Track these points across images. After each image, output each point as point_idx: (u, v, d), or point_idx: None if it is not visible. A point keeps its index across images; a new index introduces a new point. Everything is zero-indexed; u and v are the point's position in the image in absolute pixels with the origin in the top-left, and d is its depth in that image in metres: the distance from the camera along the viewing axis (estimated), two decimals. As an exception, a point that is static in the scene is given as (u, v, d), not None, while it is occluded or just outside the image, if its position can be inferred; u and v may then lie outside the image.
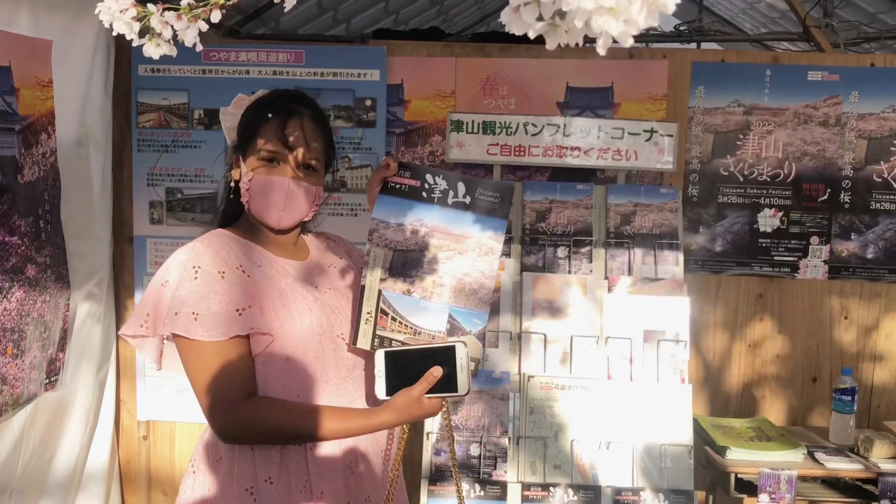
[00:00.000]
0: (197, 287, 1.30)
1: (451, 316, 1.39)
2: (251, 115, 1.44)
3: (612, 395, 2.18)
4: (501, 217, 1.41)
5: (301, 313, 1.37)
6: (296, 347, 1.35)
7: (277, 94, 1.48)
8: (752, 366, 2.74)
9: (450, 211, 1.41)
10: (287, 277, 1.42)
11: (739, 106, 2.66)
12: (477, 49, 2.71)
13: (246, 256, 1.39)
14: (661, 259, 2.31)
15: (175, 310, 1.29)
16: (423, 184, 1.41)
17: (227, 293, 1.31)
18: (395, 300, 1.40)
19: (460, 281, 1.40)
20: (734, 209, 2.70)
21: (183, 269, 1.32)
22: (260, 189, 1.40)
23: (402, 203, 1.41)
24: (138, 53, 2.72)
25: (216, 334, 1.29)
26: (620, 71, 2.66)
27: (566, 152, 2.39)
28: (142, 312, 1.35)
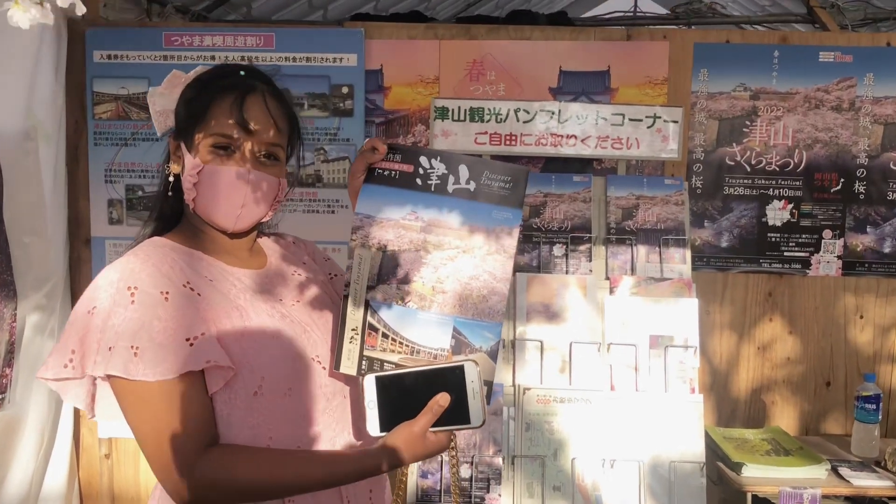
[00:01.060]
0: (134, 314, 1.05)
1: (455, 329, 1.14)
2: (195, 93, 1.19)
3: (616, 408, 1.98)
4: (514, 206, 1.15)
5: (266, 335, 1.14)
6: (263, 379, 1.11)
7: (226, 67, 1.23)
8: (761, 370, 2.55)
9: (450, 200, 1.16)
10: (245, 292, 1.18)
11: (746, 90, 2.47)
12: (462, 31, 2.50)
13: (193, 269, 1.15)
14: (667, 257, 2.11)
15: (108, 343, 1.04)
16: (417, 168, 1.17)
17: (173, 319, 1.06)
18: (386, 312, 1.15)
19: (466, 286, 1.15)
20: (741, 201, 2.50)
21: (115, 292, 1.07)
22: (211, 183, 1.15)
23: (391, 193, 1.17)
24: (94, 38, 2.44)
25: (163, 371, 1.04)
26: (617, 53, 2.46)
27: (562, 141, 2.19)
28: (65, 349, 1.08)
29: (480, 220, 1.16)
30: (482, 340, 1.13)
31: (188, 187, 1.17)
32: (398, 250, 1.16)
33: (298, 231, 2.64)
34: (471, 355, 1.12)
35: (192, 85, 1.21)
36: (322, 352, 1.20)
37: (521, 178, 1.17)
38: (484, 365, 1.11)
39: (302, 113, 2.50)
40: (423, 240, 1.16)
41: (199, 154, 1.16)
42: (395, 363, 1.15)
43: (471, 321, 1.14)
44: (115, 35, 2.47)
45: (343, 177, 2.51)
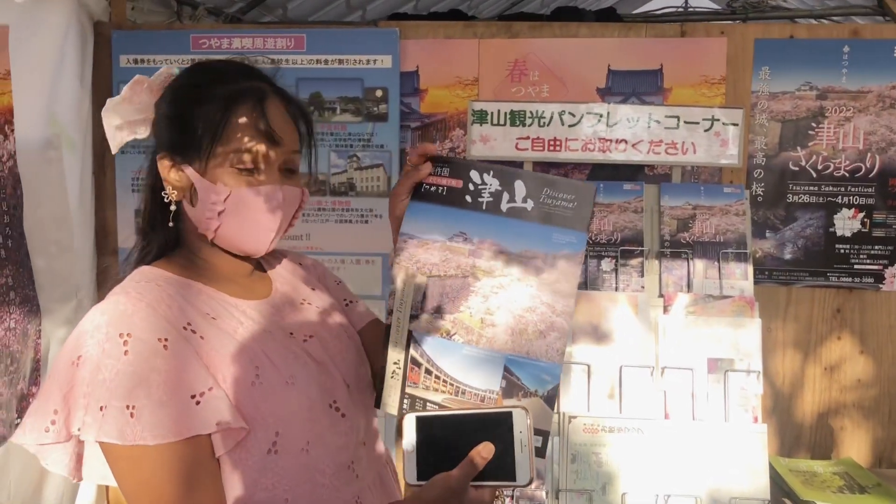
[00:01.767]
0: (129, 366, 0.90)
1: (507, 368, 1.00)
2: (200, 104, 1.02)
3: (671, 438, 1.81)
4: (579, 228, 1.01)
5: (281, 383, 0.99)
6: (278, 434, 0.97)
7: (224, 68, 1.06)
8: (828, 393, 2.34)
9: (504, 220, 1.03)
10: (253, 329, 1.03)
11: (812, 89, 2.27)
12: (503, 28, 2.35)
13: (192, 306, 1.00)
14: (727, 272, 1.93)
15: (99, 402, 0.89)
16: (467, 184, 1.04)
17: (174, 370, 0.91)
18: (429, 346, 1.03)
19: (521, 319, 1.01)
20: (806, 210, 2.30)
21: (104, 339, 0.91)
22: (241, 210, 1.01)
23: (438, 211, 1.05)
24: (120, 42, 2.33)
25: (164, 434, 0.89)
26: (670, 51, 2.29)
27: (610, 146, 2.02)
28: (45, 408, 0.93)
29: (539, 245, 1.02)
30: (538, 383, 0.99)
31: (208, 217, 1.02)
32: (444, 276, 1.03)
33: (331, 242, 2.50)
34: (523, 400, 0.98)
35: (187, 94, 1.04)
36: (340, 395, 1.06)
37: (588, 196, 1.02)
38: (539, 412, 0.97)
39: (334, 118, 2.38)
40: (472, 265, 1.03)
41: (217, 177, 1.01)
42: (437, 403, 1.02)
43: (525, 360, 1.00)
44: (142, 38, 2.39)
45: (377, 185, 2.38)
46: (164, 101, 1.06)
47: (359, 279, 2.38)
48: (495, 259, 1.03)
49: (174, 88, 1.06)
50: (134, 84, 1.06)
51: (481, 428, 0.95)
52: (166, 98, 1.06)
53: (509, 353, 1.00)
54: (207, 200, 1.01)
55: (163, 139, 1.05)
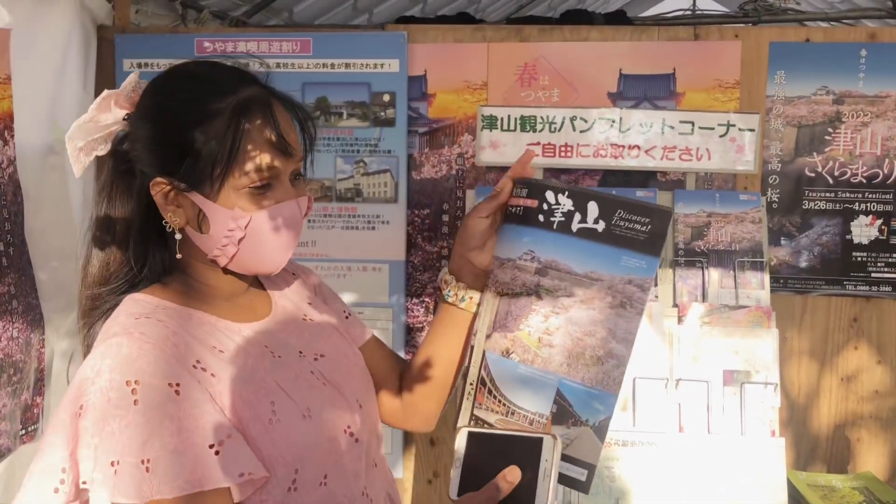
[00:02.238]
0: (140, 417, 0.82)
1: (559, 393, 0.96)
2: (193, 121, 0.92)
3: (686, 452, 1.76)
4: (651, 254, 0.97)
5: (297, 416, 0.93)
6: (297, 472, 0.91)
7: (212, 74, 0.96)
8: (845, 403, 2.29)
9: (574, 241, 0.99)
10: (262, 358, 0.96)
11: (828, 93, 2.22)
12: (513, 32, 2.31)
13: (198, 340, 0.92)
14: (743, 281, 1.88)
15: (109, 457, 0.81)
16: (542, 203, 1.02)
17: (189, 418, 0.84)
18: (494, 365, 1.01)
19: (578, 342, 0.96)
20: (822, 217, 2.25)
21: (109, 388, 0.83)
22: (262, 233, 0.94)
23: (513, 231, 1.04)
24: (122, 45, 2.29)
25: (182, 486, 0.82)
26: (683, 54, 2.24)
27: (623, 151, 1.98)
28: (52, 467, 0.85)
29: (606, 267, 0.98)
30: (590, 413, 0.94)
31: (224, 245, 0.94)
32: (511, 294, 1.01)
33: (337, 249, 2.45)
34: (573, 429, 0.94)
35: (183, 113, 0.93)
36: (354, 419, 1.01)
37: (664, 220, 0.97)
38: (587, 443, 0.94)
39: (340, 123, 2.34)
40: (537, 283, 1.00)
41: (232, 201, 0.92)
42: (491, 424, 0.99)
43: (580, 386, 0.95)
44: (145, 42, 2.35)
45: (384, 190, 2.34)
46: (147, 119, 0.95)
47: (365, 287, 2.34)
48: (560, 279, 1.00)
49: (158, 106, 0.95)
50: (102, 101, 0.96)
51: (514, 451, 0.92)
52: (149, 116, 0.95)
53: (564, 376, 0.96)
54: (224, 228, 0.93)
55: (153, 162, 0.94)
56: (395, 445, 2.39)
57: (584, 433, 0.94)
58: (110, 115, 0.96)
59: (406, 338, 2.38)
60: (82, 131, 0.97)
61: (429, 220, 2.37)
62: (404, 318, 2.37)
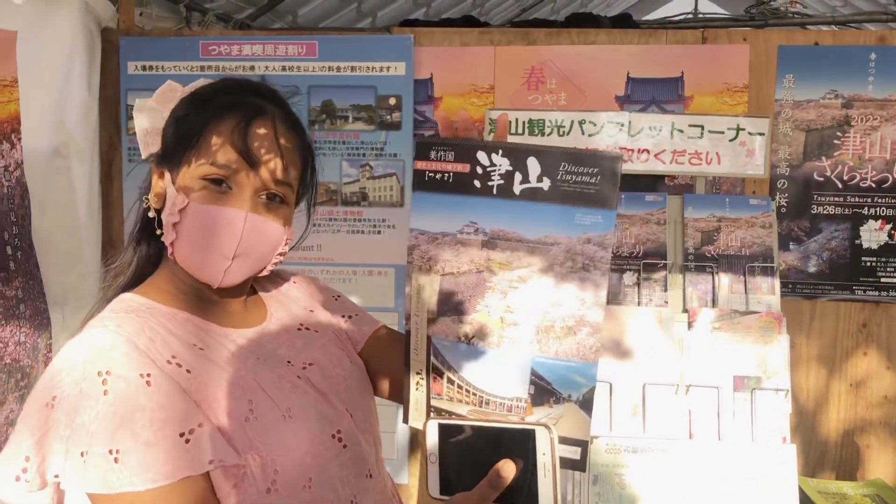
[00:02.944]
0: (110, 407, 0.82)
1: (534, 372, 0.88)
2: (188, 109, 0.98)
3: (696, 459, 1.74)
4: (605, 206, 0.87)
5: (277, 416, 0.92)
6: (277, 472, 0.90)
7: (231, 81, 1.02)
8: (854, 409, 2.28)
9: (518, 204, 0.90)
10: (245, 360, 0.96)
11: (837, 97, 2.21)
12: (520, 35, 2.30)
13: (177, 337, 0.93)
14: (753, 287, 1.87)
15: (79, 447, 0.81)
16: (475, 167, 0.91)
17: (160, 409, 0.84)
18: (449, 352, 0.92)
19: (546, 315, 0.88)
20: (831, 221, 2.24)
21: (81, 378, 0.83)
22: (196, 226, 0.93)
23: (445, 200, 0.93)
24: (128, 48, 2.29)
25: (153, 477, 0.81)
26: (691, 58, 2.23)
27: (632, 155, 1.96)
28: (16, 455, 0.84)
29: (560, 228, 0.88)
30: (570, 387, 0.87)
31: (167, 227, 0.95)
32: (457, 272, 0.92)
33: (342, 253, 2.45)
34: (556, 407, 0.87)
35: (186, 100, 0.99)
36: (344, 425, 0.99)
37: (613, 167, 0.88)
38: (574, 419, 0.87)
39: (346, 126, 2.33)
40: (487, 258, 0.91)
41: (185, 187, 0.94)
42: (463, 416, 0.92)
43: (555, 361, 0.87)
44: (150, 44, 2.34)
45: (390, 194, 2.33)
46: (173, 109, 1.01)
47: (371, 291, 2.32)
48: (512, 249, 0.90)
49: (184, 98, 1.01)
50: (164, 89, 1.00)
51: (503, 444, 0.86)
52: (175, 107, 1.00)
53: (537, 354, 0.88)
54: (168, 208, 0.95)
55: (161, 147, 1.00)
56: (400, 451, 2.38)
57: (569, 409, 0.87)
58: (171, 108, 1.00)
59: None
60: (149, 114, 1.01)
61: (435, 224, 2.35)
62: (410, 323, 2.35)
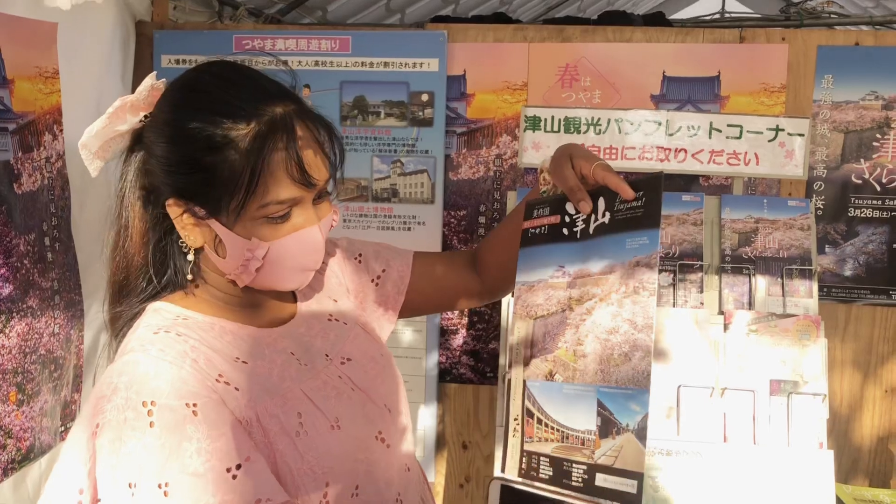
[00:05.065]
0: (157, 440, 0.79)
1: (599, 403, 0.89)
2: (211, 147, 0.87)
3: (731, 463, 1.73)
4: (649, 227, 0.90)
5: (326, 427, 0.91)
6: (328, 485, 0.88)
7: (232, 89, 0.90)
8: (889, 415, 2.25)
9: (592, 242, 0.95)
10: (288, 366, 0.93)
11: (877, 98, 2.17)
12: (554, 32, 2.28)
13: (219, 352, 0.89)
14: (791, 289, 1.85)
15: (127, 479, 0.80)
16: (563, 217, 0.98)
17: (207, 439, 0.81)
18: (539, 392, 0.94)
19: (606, 343, 0.90)
20: (869, 225, 2.21)
21: (125, 407, 0.81)
22: (279, 257, 0.91)
23: (541, 251, 1.00)
24: (161, 42, 2.29)
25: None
26: (729, 57, 2.20)
27: (669, 155, 1.95)
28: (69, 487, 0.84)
29: (616, 256, 0.92)
30: (628, 416, 0.86)
31: (241, 271, 0.92)
32: (547, 315, 0.96)
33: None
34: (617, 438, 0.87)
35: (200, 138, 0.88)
36: (385, 424, 0.99)
37: (654, 188, 0.91)
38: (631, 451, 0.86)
39: (378, 122, 2.32)
40: (568, 297, 0.95)
41: (250, 230, 0.89)
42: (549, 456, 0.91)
43: (614, 390, 0.88)
44: (184, 38, 2.35)
45: (421, 191, 2.33)
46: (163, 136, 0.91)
47: (401, 287, 2.32)
48: (584, 284, 0.94)
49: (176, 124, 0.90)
50: (117, 110, 0.93)
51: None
52: (166, 134, 0.90)
53: (600, 384, 0.89)
54: (240, 257, 0.91)
55: (169, 182, 0.91)
56: (427, 449, 2.38)
57: (628, 441, 0.86)
58: (125, 123, 0.93)
59: (440, 339, 2.36)
60: (97, 138, 0.94)
61: (465, 222, 2.35)
62: (438, 320, 2.35)
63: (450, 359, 2.38)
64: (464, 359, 2.38)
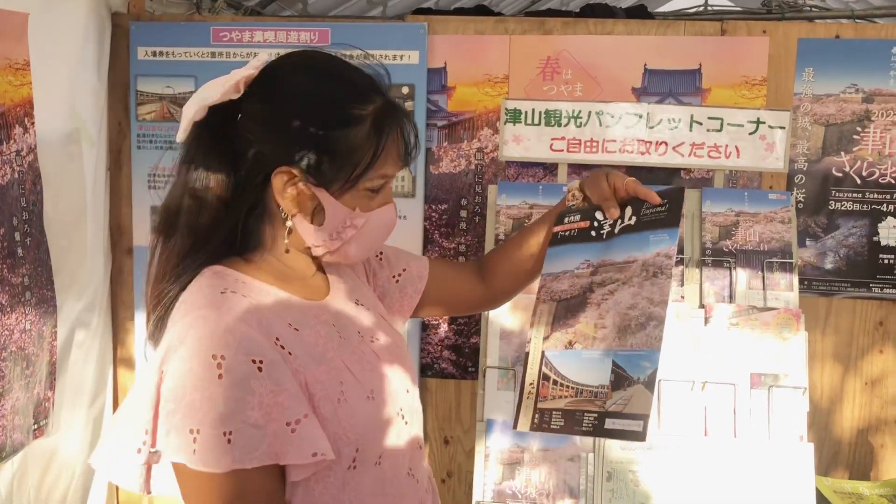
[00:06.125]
0: (226, 391, 0.84)
1: (615, 363, 1.05)
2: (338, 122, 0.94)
3: (711, 456, 1.73)
4: (670, 226, 1.09)
5: (362, 397, 0.96)
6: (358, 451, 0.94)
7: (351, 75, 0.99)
8: (868, 408, 2.25)
9: (617, 240, 1.13)
10: (331, 338, 0.98)
11: (858, 91, 2.17)
12: (535, 25, 2.26)
13: (276, 316, 0.94)
14: (772, 283, 1.84)
15: (189, 425, 0.83)
16: (593, 222, 1.18)
17: (269, 394, 0.86)
18: (557, 359, 1.12)
19: (625, 317, 1.07)
20: (849, 218, 2.21)
21: (194, 360, 0.85)
22: (373, 230, 1.00)
23: (570, 249, 1.19)
24: (138, 34, 2.25)
25: (259, 457, 0.85)
26: (710, 50, 2.20)
27: (650, 147, 1.94)
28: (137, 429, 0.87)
29: (639, 250, 1.10)
30: (639, 370, 1.02)
31: (334, 239, 0.98)
32: (570, 297, 1.14)
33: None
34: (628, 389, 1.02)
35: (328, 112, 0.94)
36: (405, 402, 1.05)
37: (678, 197, 1.11)
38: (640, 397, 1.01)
39: (358, 115, 2.29)
40: (591, 283, 1.13)
41: (351, 201, 0.97)
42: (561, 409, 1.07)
43: (629, 352, 1.04)
44: (160, 29, 2.31)
45: (402, 185, 2.30)
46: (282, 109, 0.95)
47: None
48: (606, 272, 1.12)
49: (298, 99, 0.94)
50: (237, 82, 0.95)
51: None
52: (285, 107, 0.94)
53: (617, 348, 1.05)
54: (339, 226, 0.98)
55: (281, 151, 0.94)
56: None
57: (637, 390, 1.00)
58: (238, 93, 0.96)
59: (421, 334, 2.35)
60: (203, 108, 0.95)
61: (446, 216, 2.33)
62: (420, 315, 2.33)
63: (431, 354, 2.36)
64: (445, 353, 2.36)
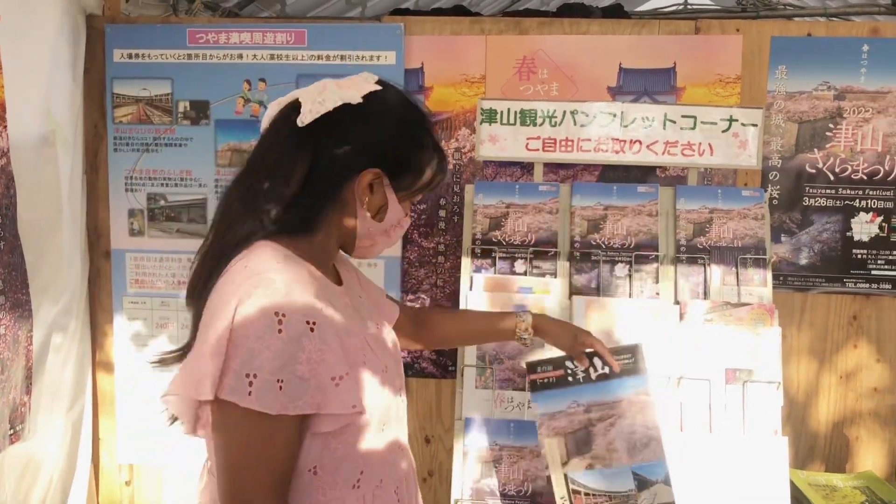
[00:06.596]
0: (283, 345, 0.97)
1: (633, 473, 1.46)
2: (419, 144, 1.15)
3: (687, 451, 1.74)
4: (640, 373, 1.50)
5: (378, 369, 1.13)
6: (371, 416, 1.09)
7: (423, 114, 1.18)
8: (843, 401, 2.28)
9: (596, 385, 1.50)
10: (353, 318, 1.15)
11: (830, 89, 2.20)
12: (511, 25, 2.27)
13: (317, 290, 1.07)
14: (745, 279, 1.86)
15: (245, 370, 0.96)
16: (566, 371, 1.52)
17: (318, 352, 1.01)
18: (581, 478, 1.48)
19: (629, 440, 1.47)
20: (823, 214, 2.24)
21: (258, 313, 0.98)
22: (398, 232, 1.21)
23: (553, 394, 1.52)
24: (113, 36, 2.25)
25: (301, 406, 0.99)
26: (684, 49, 2.22)
27: (624, 146, 1.95)
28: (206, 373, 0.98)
29: (620, 391, 1.49)
30: (655, 475, 1.46)
31: (382, 232, 1.16)
32: (574, 431, 1.50)
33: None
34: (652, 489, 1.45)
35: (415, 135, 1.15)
36: (399, 384, 1.21)
37: (637, 350, 1.51)
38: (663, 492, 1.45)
39: (336, 116, 2.30)
40: (588, 419, 1.50)
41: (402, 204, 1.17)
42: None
43: (641, 465, 1.46)
44: (137, 32, 2.30)
45: (380, 185, 2.30)
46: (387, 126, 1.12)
47: (361, 283, 2.30)
48: (600, 410, 1.50)
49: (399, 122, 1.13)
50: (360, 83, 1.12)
51: None
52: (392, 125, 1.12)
53: (632, 464, 1.46)
54: (393, 223, 1.17)
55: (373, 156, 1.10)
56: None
57: (659, 488, 1.45)
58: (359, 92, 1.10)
59: (402, 334, 2.35)
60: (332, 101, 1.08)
61: (425, 216, 2.33)
62: (400, 315, 2.33)
63: (412, 353, 2.36)
64: (426, 353, 2.37)
